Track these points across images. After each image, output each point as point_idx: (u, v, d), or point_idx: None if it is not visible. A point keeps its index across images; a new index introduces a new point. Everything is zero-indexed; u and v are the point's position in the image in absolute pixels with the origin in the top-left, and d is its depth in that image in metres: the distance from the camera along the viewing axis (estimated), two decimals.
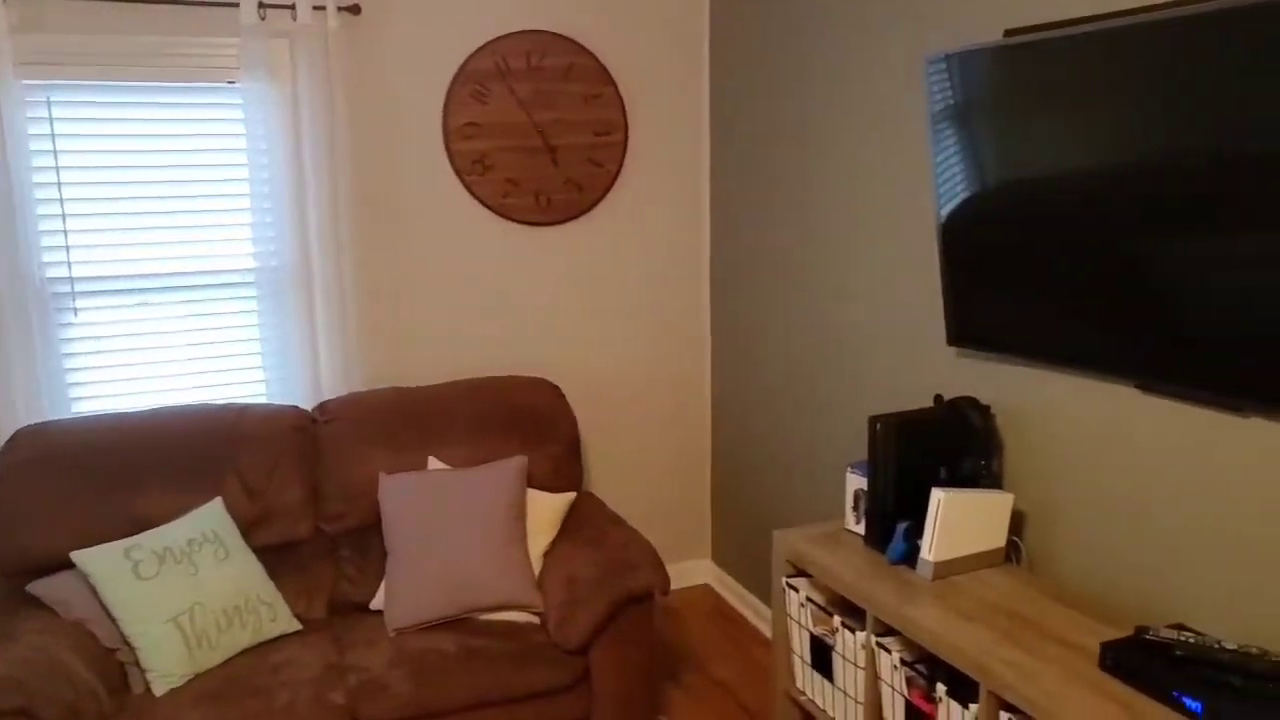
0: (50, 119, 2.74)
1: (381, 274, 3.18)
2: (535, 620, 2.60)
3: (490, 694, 2.38)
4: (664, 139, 3.48)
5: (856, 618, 2.17)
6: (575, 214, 3.38)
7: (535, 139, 3.26)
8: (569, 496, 2.85)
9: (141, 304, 2.93)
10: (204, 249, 2.96)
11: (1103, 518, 2.05)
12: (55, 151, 2.76)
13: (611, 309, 3.51)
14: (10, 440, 2.56)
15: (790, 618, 2.41)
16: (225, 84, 2.89)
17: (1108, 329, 1.90)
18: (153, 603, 2.33)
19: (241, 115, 2.90)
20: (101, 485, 2.53)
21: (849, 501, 2.40)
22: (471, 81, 3.16)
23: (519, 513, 2.69)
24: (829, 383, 2.95)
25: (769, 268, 3.23)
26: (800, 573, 2.40)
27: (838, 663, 2.24)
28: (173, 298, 2.96)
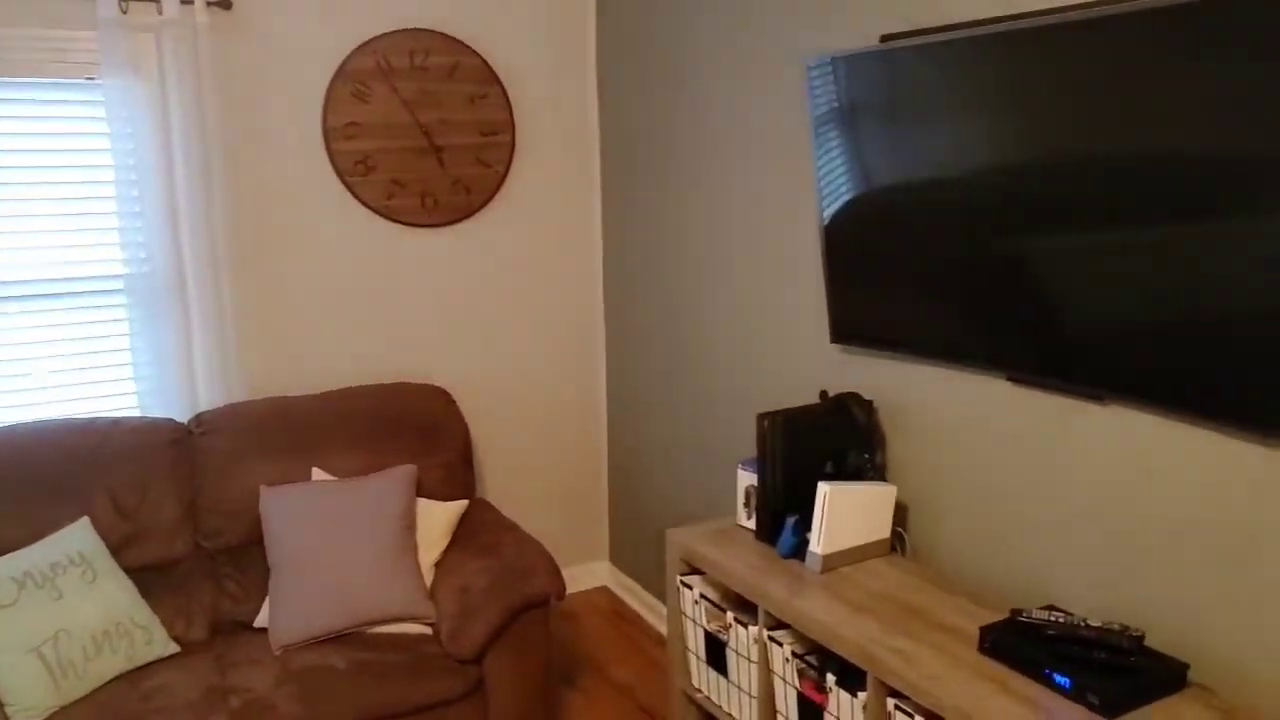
0: None
1: (261, 279, 3.06)
2: (428, 631, 2.55)
3: (382, 708, 2.32)
4: (553, 139, 3.46)
5: (749, 613, 2.20)
6: (463, 215, 3.33)
7: (420, 139, 3.20)
8: (461, 505, 2.80)
9: None
10: (67, 255, 2.79)
11: (979, 506, 2.13)
12: None
13: (503, 312, 3.47)
14: None
15: (685, 616, 2.42)
16: (85, 80, 2.74)
17: (979, 325, 1.98)
18: (11, 631, 2.19)
19: (104, 114, 2.75)
20: None
21: (740, 498, 2.43)
22: (352, 81, 3.08)
23: (408, 523, 2.63)
24: (720, 382, 2.99)
25: (661, 268, 3.25)
26: (694, 570, 2.42)
27: (732, 658, 2.26)
28: (33, 306, 2.78)
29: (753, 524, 2.39)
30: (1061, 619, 1.75)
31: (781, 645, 2.09)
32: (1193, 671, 1.71)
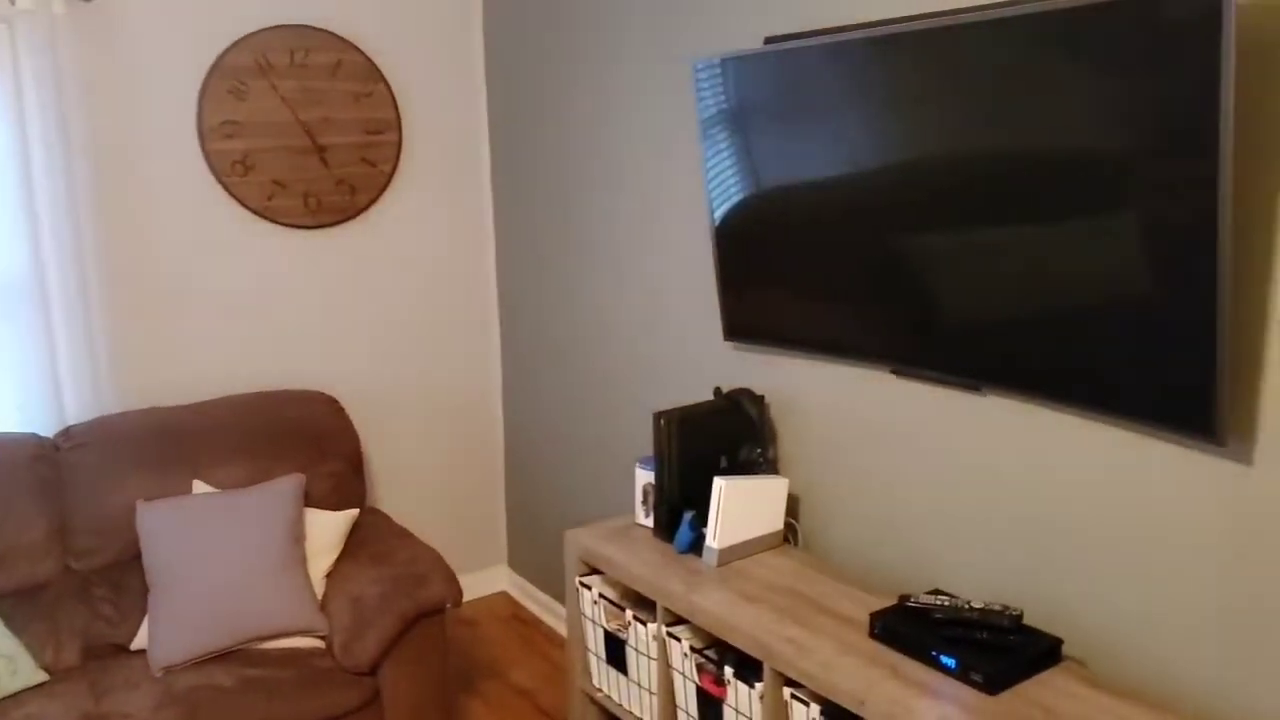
0: None
1: (133, 285, 2.91)
2: (320, 645, 2.47)
3: None
4: (441, 139, 3.40)
5: (648, 611, 2.21)
6: (349, 216, 3.24)
7: (302, 139, 3.10)
8: (351, 514, 2.73)
9: None
10: None
11: (867, 495, 2.20)
12: None
13: (393, 315, 3.39)
14: None
15: (584, 616, 2.42)
16: None
17: (864, 320, 2.03)
18: None
19: None
20: None
21: (639, 496, 2.44)
22: (229, 77, 2.96)
23: (296, 533, 2.54)
24: (617, 381, 2.99)
25: (556, 268, 3.23)
26: (594, 571, 2.42)
27: (631, 656, 2.27)
28: None
29: (651, 522, 2.40)
30: (947, 602, 1.82)
31: (680, 641, 2.10)
32: (1066, 646, 1.80)
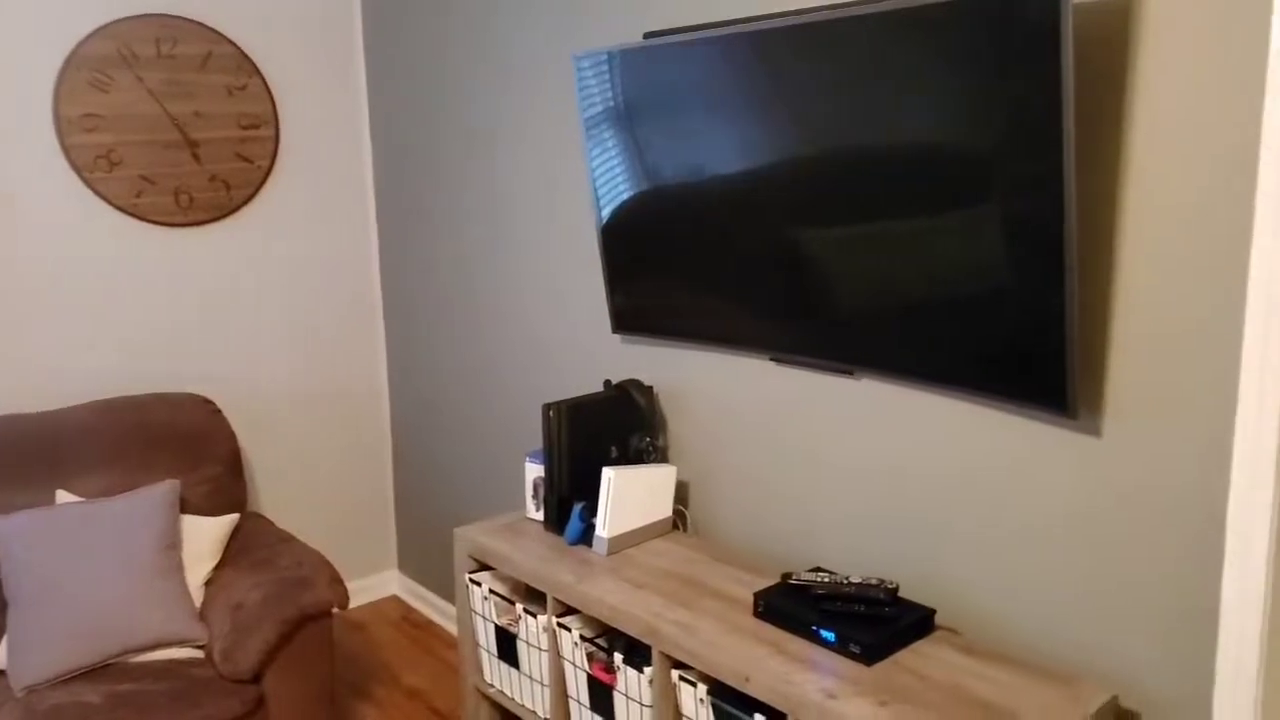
0: None
1: None
2: (199, 654, 2.38)
3: None
4: (321, 134, 3.32)
5: (539, 603, 2.21)
6: (224, 213, 3.13)
7: (172, 132, 2.98)
8: (231, 519, 2.64)
9: None
10: None
11: (752, 479, 2.25)
12: None
13: (274, 313, 3.29)
14: None
15: (474, 613, 2.40)
16: None
17: (744, 309, 2.08)
18: None
19: None
20: None
21: (529, 490, 2.44)
22: (88, 68, 2.82)
23: (170, 541, 2.44)
24: (506, 377, 2.98)
25: (441, 266, 3.19)
26: (484, 567, 2.40)
27: (522, 649, 2.26)
28: None
29: (541, 515, 2.40)
30: (827, 579, 1.88)
31: (570, 630, 2.11)
32: (940, 615, 1.88)
